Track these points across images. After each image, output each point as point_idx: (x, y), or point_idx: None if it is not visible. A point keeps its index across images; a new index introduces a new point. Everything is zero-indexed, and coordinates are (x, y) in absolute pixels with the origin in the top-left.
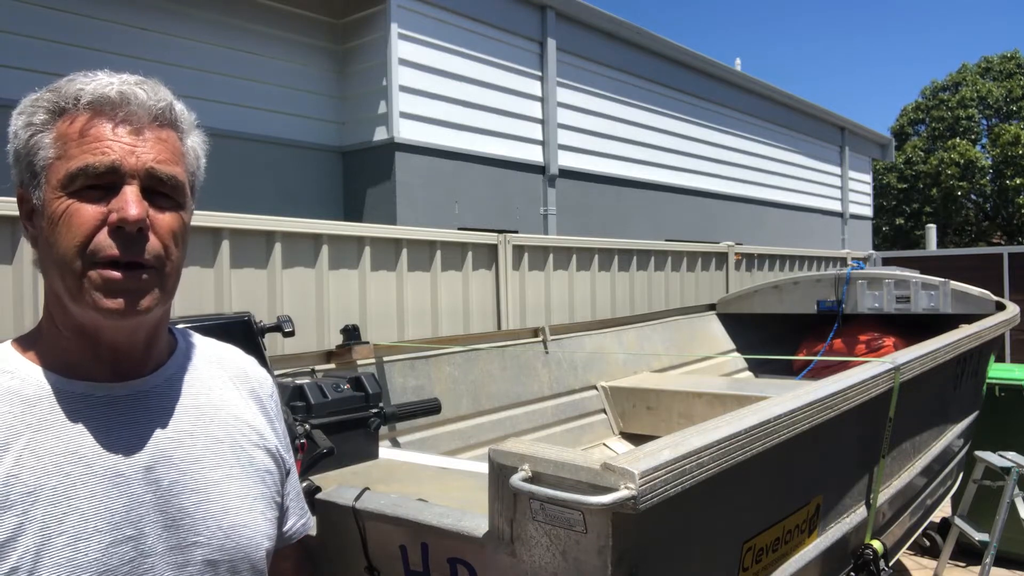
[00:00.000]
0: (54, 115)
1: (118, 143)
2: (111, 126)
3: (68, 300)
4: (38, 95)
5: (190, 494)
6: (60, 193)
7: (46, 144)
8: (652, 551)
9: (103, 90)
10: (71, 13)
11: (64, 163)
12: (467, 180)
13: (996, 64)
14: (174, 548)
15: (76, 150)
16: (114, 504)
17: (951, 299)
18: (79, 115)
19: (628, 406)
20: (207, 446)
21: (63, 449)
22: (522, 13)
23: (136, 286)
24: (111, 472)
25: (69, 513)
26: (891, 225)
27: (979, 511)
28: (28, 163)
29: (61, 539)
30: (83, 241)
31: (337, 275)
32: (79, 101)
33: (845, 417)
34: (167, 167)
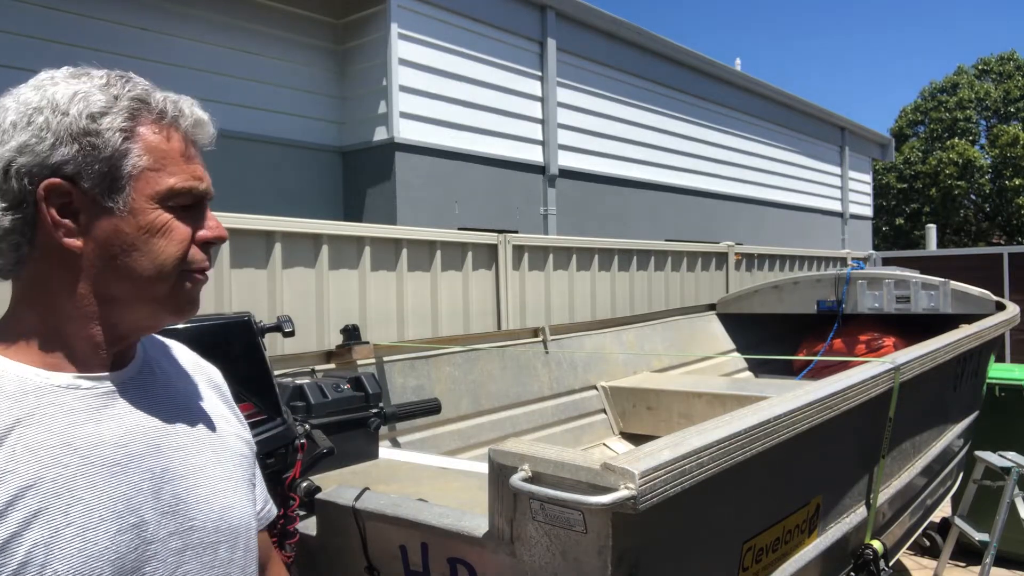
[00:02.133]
0: (135, 121)
1: (202, 166)
2: (195, 148)
3: (150, 305)
4: (109, 93)
5: (180, 480)
6: (156, 205)
7: (134, 151)
8: (652, 551)
9: (198, 113)
10: (71, 13)
11: (164, 177)
12: (467, 180)
13: (994, 65)
14: (173, 533)
15: (178, 168)
16: (115, 493)
17: (951, 299)
18: (173, 130)
19: (628, 406)
20: (187, 433)
21: (56, 441)
22: (522, 13)
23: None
24: (107, 462)
25: (73, 504)
26: (891, 225)
27: (979, 511)
28: (112, 165)
29: (69, 530)
30: (183, 253)
31: (337, 275)
32: (177, 117)
33: (845, 417)
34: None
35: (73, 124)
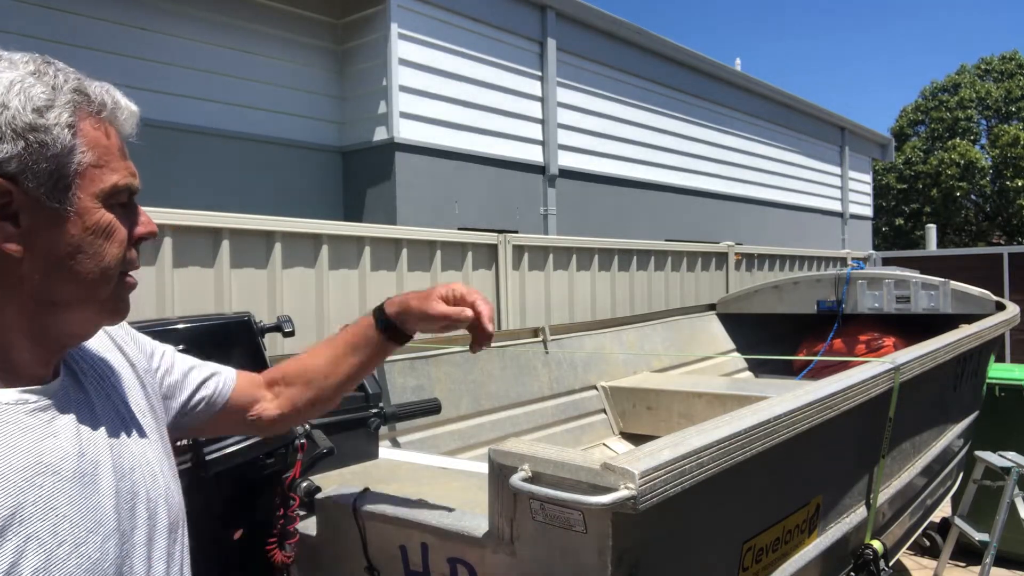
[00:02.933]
0: (78, 115)
1: (129, 157)
2: (118, 135)
3: (92, 308)
4: (49, 84)
5: (131, 473)
6: (100, 204)
7: (80, 147)
8: (652, 551)
9: (132, 106)
10: (71, 13)
11: (107, 174)
12: (467, 180)
13: (996, 65)
14: (138, 527)
15: (119, 165)
16: (91, 503)
17: (951, 299)
18: (111, 126)
19: (628, 406)
20: (120, 423)
21: (25, 463)
22: (522, 13)
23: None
24: (76, 473)
25: (59, 523)
26: (891, 225)
27: (979, 511)
28: (58, 163)
29: (63, 549)
30: (123, 252)
31: (337, 275)
32: (116, 110)
33: (845, 417)
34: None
35: (16, 118)
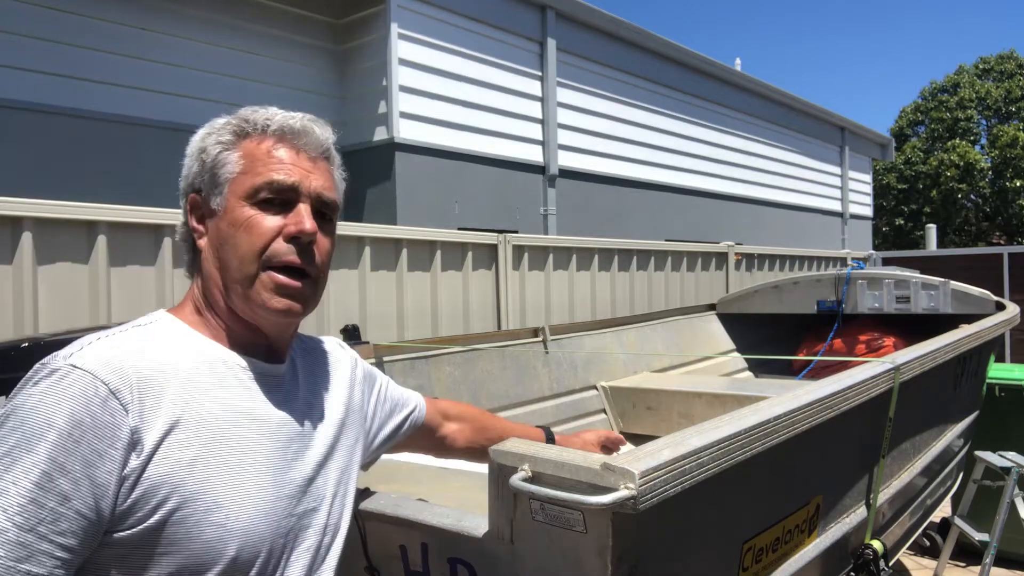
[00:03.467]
0: (240, 137)
1: (298, 167)
2: (294, 152)
3: (236, 296)
4: (226, 119)
5: (316, 467)
6: (244, 203)
7: (232, 160)
8: (652, 551)
9: (289, 121)
10: (71, 13)
11: (250, 177)
12: (467, 180)
13: (994, 64)
14: (307, 511)
15: (262, 168)
16: (278, 464)
17: (951, 299)
18: (266, 139)
19: (628, 406)
20: (328, 424)
21: (241, 409)
22: (522, 13)
23: (299, 292)
24: (274, 436)
25: (252, 464)
26: (891, 225)
27: (979, 511)
28: (213, 174)
29: (249, 483)
30: (263, 246)
31: (337, 275)
32: (267, 128)
33: (845, 417)
34: (331, 193)
35: (194, 146)
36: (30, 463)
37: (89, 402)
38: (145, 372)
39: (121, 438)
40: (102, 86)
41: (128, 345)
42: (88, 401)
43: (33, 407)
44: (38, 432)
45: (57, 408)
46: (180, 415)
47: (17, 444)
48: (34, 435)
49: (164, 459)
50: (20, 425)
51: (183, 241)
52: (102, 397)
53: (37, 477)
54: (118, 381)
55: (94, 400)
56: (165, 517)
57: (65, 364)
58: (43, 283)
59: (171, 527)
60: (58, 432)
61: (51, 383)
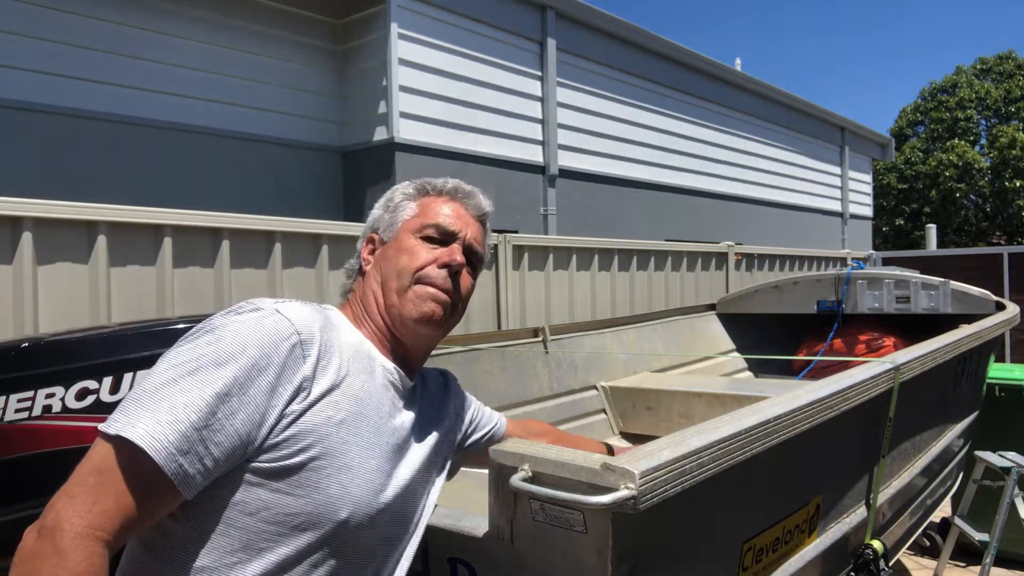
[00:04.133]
0: (420, 194)
1: (459, 219)
2: (460, 207)
3: (392, 306)
4: (412, 181)
5: (414, 473)
6: (411, 235)
7: (411, 207)
8: (652, 551)
9: (460, 185)
10: (71, 13)
11: (421, 219)
12: (467, 180)
13: (993, 65)
14: (401, 508)
15: (432, 214)
16: (392, 458)
17: (951, 299)
18: (441, 196)
19: (628, 406)
20: (429, 442)
21: (379, 400)
22: (522, 13)
23: (443, 302)
24: (394, 433)
25: (376, 447)
26: (891, 225)
27: (979, 511)
28: (392, 215)
29: (372, 460)
30: (420, 266)
31: (337, 275)
32: (443, 189)
33: (845, 417)
34: (479, 246)
35: (385, 198)
36: (219, 375)
37: (281, 342)
38: (326, 337)
39: (294, 381)
40: (102, 86)
41: (319, 314)
42: (280, 341)
43: (235, 330)
44: (233, 351)
45: (255, 337)
46: (340, 382)
47: (212, 355)
48: (229, 353)
49: (320, 412)
50: (218, 340)
51: (350, 272)
52: (292, 343)
53: (220, 388)
54: (308, 335)
55: (285, 343)
56: (304, 461)
57: (270, 307)
58: (43, 283)
59: (306, 472)
60: (248, 357)
61: (256, 317)
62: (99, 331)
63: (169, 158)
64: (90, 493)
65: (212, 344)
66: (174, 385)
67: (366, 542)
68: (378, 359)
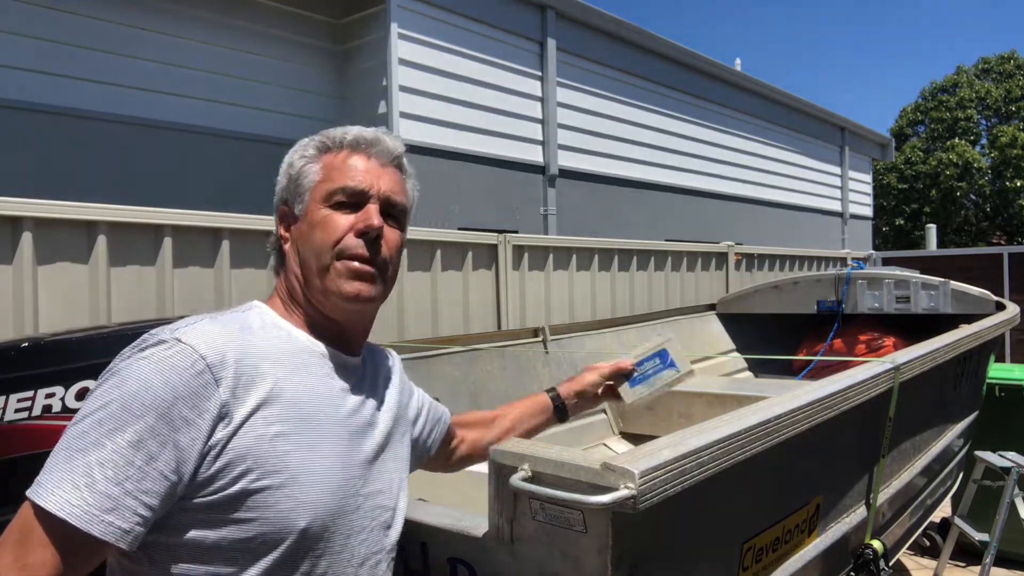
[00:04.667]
0: (321, 151)
1: (367, 173)
2: (365, 159)
3: (315, 288)
4: (312, 137)
5: (378, 453)
6: (321, 205)
7: (314, 171)
8: (652, 551)
9: (363, 133)
10: (71, 13)
11: (326, 184)
12: (467, 180)
13: (994, 65)
14: (371, 493)
15: (337, 174)
16: (348, 447)
17: (951, 299)
18: (341, 151)
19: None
20: (388, 417)
21: (322, 393)
22: (522, 13)
23: (369, 276)
24: (346, 421)
25: (325, 440)
26: (891, 225)
27: (979, 511)
28: (297, 184)
29: (322, 461)
30: (335, 240)
31: None
32: (344, 141)
33: (845, 417)
34: (398, 196)
35: (284, 163)
36: (128, 422)
37: (185, 373)
38: (242, 352)
39: (210, 410)
40: (102, 86)
41: (229, 327)
42: (185, 371)
43: (136, 371)
44: (137, 395)
45: (157, 375)
46: (269, 393)
47: (119, 402)
48: (134, 396)
49: (249, 433)
50: (122, 384)
51: (272, 248)
52: (198, 370)
53: (131, 437)
54: (216, 357)
55: (190, 372)
56: (245, 487)
57: (171, 337)
58: (43, 283)
59: (249, 496)
60: (154, 397)
61: (156, 351)
62: (99, 331)
63: (169, 158)
64: (21, 550)
65: (117, 388)
66: (85, 439)
67: (346, 533)
68: (315, 348)
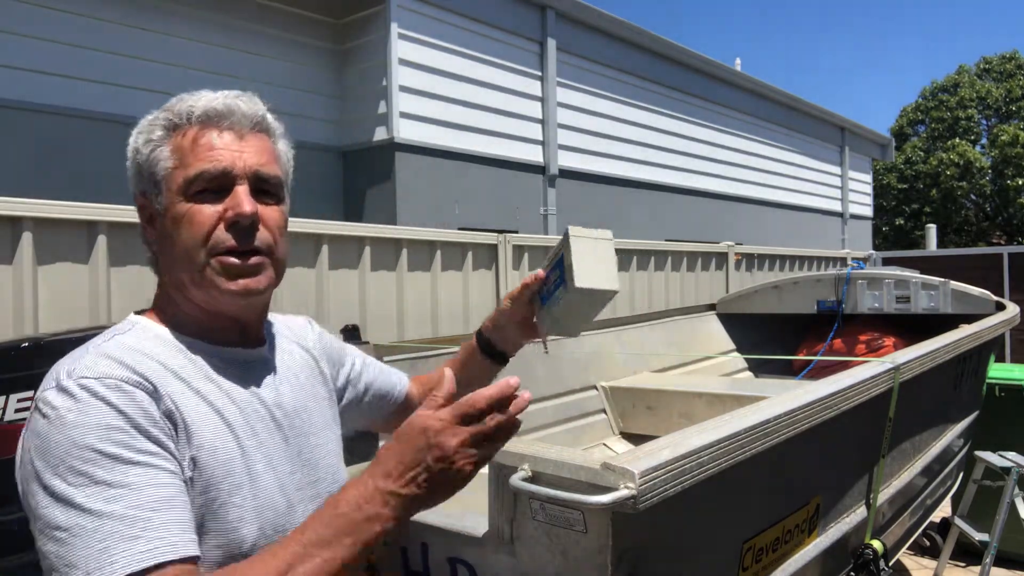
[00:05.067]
0: (169, 131)
1: (227, 150)
2: (219, 134)
3: (192, 287)
4: (154, 115)
5: (310, 438)
6: (180, 198)
7: (165, 156)
8: (652, 551)
9: (212, 104)
10: (71, 13)
11: (182, 171)
12: (467, 180)
13: (995, 65)
14: (310, 483)
15: (192, 158)
16: (281, 444)
17: (951, 299)
18: (191, 128)
19: (628, 406)
20: (307, 398)
21: (234, 396)
22: (522, 13)
23: (252, 271)
24: (270, 416)
25: (259, 447)
26: (891, 225)
27: (979, 511)
28: (150, 174)
29: (259, 463)
30: (204, 236)
31: (337, 275)
32: (191, 116)
33: (845, 417)
34: (269, 168)
35: (129, 148)
36: (100, 478)
37: (107, 416)
38: (139, 376)
39: (159, 421)
40: (101, 86)
41: (115, 353)
42: (113, 401)
43: (63, 434)
44: (85, 450)
45: (88, 420)
46: (180, 411)
47: (77, 469)
48: (86, 455)
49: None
50: (68, 453)
51: (145, 243)
52: (126, 392)
53: (106, 482)
54: (125, 391)
55: (117, 395)
56: (199, 502)
57: (72, 383)
58: (43, 283)
59: (201, 510)
60: (100, 438)
61: (69, 404)
62: (99, 331)
63: None
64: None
65: (66, 459)
66: (75, 510)
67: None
68: (212, 351)
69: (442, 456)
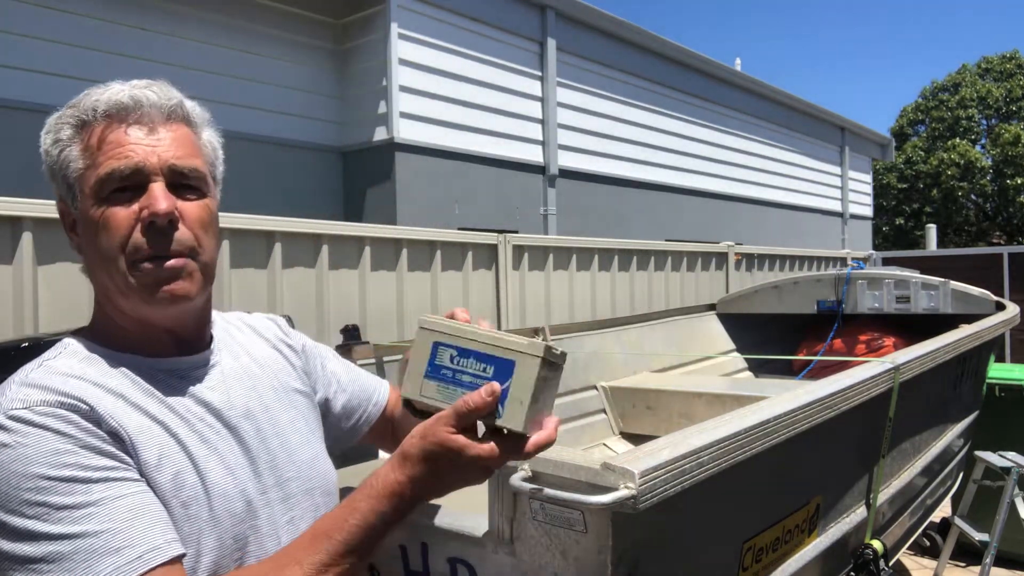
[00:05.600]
0: (77, 129)
1: (138, 145)
2: (127, 129)
3: (118, 296)
4: (60, 113)
5: (274, 437)
6: (93, 201)
7: (74, 157)
8: (652, 551)
9: (116, 97)
10: (71, 13)
11: (92, 172)
12: (467, 180)
13: (996, 64)
14: (277, 483)
15: (101, 158)
16: (236, 448)
17: (951, 299)
18: (98, 125)
19: (628, 406)
20: (270, 397)
21: (181, 408)
22: (522, 13)
23: (172, 275)
24: (216, 423)
25: (211, 455)
26: (891, 225)
27: (979, 511)
28: (63, 177)
29: (214, 472)
30: (122, 242)
31: (337, 275)
32: (96, 111)
33: (845, 417)
34: (187, 161)
35: (41, 151)
36: (61, 504)
37: (53, 426)
38: (72, 398)
39: (107, 437)
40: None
41: (41, 381)
42: (52, 427)
43: (7, 470)
44: (36, 479)
45: (29, 452)
46: (124, 430)
47: (32, 501)
48: (40, 484)
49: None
50: (18, 488)
51: (78, 251)
52: (62, 416)
53: (74, 506)
54: (64, 400)
55: (53, 420)
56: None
57: (1, 418)
58: (43, 283)
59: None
60: (49, 465)
61: (4, 439)
62: None
63: None
64: None
65: (25, 500)
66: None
67: (277, 528)
68: (153, 364)
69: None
